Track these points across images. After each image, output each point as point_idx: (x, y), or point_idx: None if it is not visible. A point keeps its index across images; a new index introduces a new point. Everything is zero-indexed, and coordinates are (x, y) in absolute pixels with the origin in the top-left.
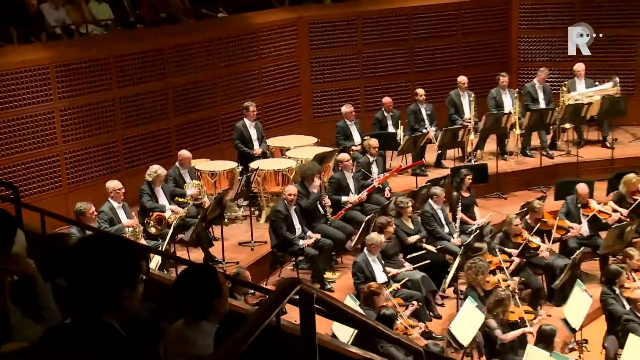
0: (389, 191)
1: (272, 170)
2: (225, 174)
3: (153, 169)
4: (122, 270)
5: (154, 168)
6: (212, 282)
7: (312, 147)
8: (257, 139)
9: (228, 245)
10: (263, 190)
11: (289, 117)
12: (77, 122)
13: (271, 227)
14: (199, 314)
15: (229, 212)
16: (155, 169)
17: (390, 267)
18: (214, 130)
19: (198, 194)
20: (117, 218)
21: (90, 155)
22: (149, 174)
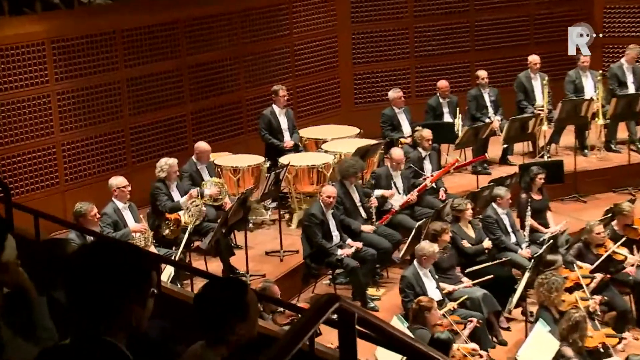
0: (444, 192)
1: (306, 166)
2: (250, 170)
3: (163, 161)
4: (129, 283)
5: (163, 160)
6: (239, 300)
7: (353, 140)
8: (288, 129)
9: (253, 255)
10: (294, 190)
11: (326, 103)
12: (76, 108)
13: (304, 233)
14: (220, 337)
15: (254, 216)
16: (165, 160)
17: (446, 282)
18: (237, 119)
19: (218, 193)
20: (122, 221)
21: (92, 147)
22: (160, 169)
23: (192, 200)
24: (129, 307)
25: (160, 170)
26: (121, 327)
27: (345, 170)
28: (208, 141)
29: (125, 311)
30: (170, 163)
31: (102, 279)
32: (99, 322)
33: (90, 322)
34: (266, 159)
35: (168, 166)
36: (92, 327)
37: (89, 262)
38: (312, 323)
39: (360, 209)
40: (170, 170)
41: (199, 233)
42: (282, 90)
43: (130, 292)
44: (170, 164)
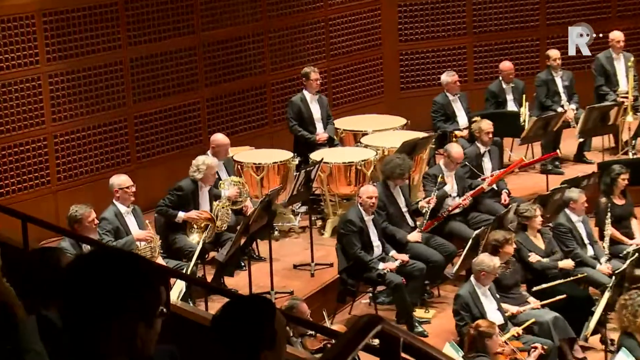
0: (507, 195)
1: (342, 163)
2: (276, 167)
3: (200, 160)
4: (134, 301)
5: (201, 159)
6: (265, 324)
7: (399, 132)
8: (321, 119)
9: (279, 269)
10: (329, 191)
11: (367, 89)
12: (71, 93)
13: (339, 243)
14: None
15: (281, 222)
16: (203, 159)
17: (509, 303)
18: (261, 107)
19: (237, 195)
20: (125, 228)
21: (90, 140)
22: (196, 169)
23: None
24: (134, 328)
25: (195, 170)
26: (124, 351)
27: (389, 170)
28: (226, 133)
29: (129, 333)
30: (209, 163)
31: (101, 295)
32: (98, 346)
33: (88, 345)
34: (295, 154)
35: (206, 167)
36: (90, 352)
37: (86, 275)
38: (349, 349)
39: (406, 215)
40: (209, 172)
41: (215, 242)
42: (314, 73)
43: (135, 311)
44: (208, 165)
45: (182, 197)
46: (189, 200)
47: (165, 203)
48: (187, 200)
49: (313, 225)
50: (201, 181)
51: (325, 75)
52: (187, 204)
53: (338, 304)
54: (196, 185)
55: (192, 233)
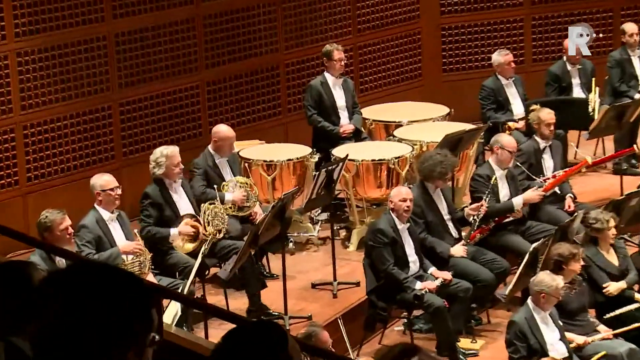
0: (572, 200)
1: (371, 161)
2: (291, 166)
3: (157, 152)
4: (121, 326)
5: (158, 151)
6: (276, 354)
7: (440, 123)
8: (346, 108)
9: (294, 288)
10: (355, 195)
11: (401, 71)
12: (44, 75)
13: (368, 258)
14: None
15: (297, 232)
16: (161, 151)
17: (574, 331)
18: (273, 93)
19: (244, 199)
20: (108, 237)
21: (66, 132)
22: (155, 164)
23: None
24: (122, 358)
25: (155, 166)
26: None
27: (428, 169)
28: (231, 124)
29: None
30: (167, 153)
31: (81, 320)
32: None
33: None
34: (314, 150)
35: (165, 158)
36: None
37: (62, 295)
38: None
39: (449, 224)
40: (169, 163)
41: (217, 255)
42: (337, 52)
43: (122, 338)
44: (168, 155)
45: (155, 206)
46: (162, 207)
47: (146, 223)
48: (162, 208)
49: (336, 236)
50: (165, 177)
51: (351, 54)
52: (163, 212)
53: (366, 332)
54: (162, 184)
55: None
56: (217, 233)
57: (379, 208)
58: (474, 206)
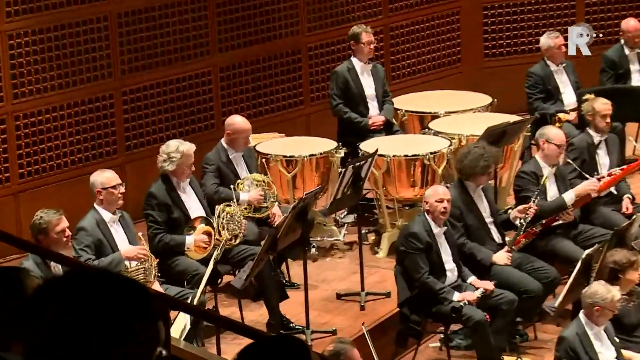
0: (630, 201)
1: (404, 157)
2: (314, 162)
3: (172, 145)
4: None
5: (173, 144)
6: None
7: (482, 114)
8: (376, 97)
9: (317, 299)
10: (385, 195)
11: (437, 55)
12: (39, 60)
13: (400, 265)
14: None
15: (320, 236)
16: (176, 145)
17: (633, 349)
18: (294, 80)
19: (261, 199)
20: (109, 241)
21: (63, 124)
22: (165, 158)
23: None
24: None
25: (166, 159)
26: None
27: (468, 165)
28: (246, 115)
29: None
30: (184, 151)
31: (80, 333)
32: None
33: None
34: (340, 144)
35: (180, 155)
36: None
37: (58, 305)
38: None
39: (491, 227)
40: (183, 161)
41: (230, 262)
42: (366, 34)
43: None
44: (184, 152)
45: (162, 207)
46: (170, 208)
47: (157, 230)
48: (169, 209)
49: (364, 240)
50: (174, 175)
51: (382, 36)
52: (170, 214)
53: (397, 349)
54: (168, 182)
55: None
56: (233, 238)
57: (413, 209)
58: (521, 207)
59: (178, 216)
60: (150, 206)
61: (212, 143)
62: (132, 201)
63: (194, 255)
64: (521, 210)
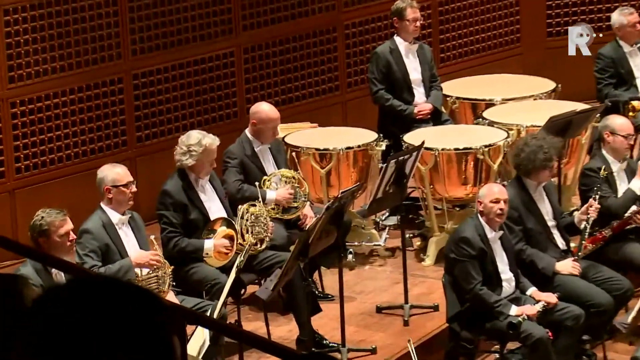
0: None
1: (454, 150)
2: (351, 156)
3: (194, 137)
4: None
5: (195, 136)
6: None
7: (544, 102)
8: (423, 82)
9: (354, 312)
10: (433, 193)
11: (493, 34)
12: (38, 39)
13: (449, 275)
14: None
15: (358, 241)
16: (198, 137)
17: None
18: (328, 63)
19: (290, 198)
20: (117, 246)
21: (66, 112)
22: (185, 151)
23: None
24: None
25: (185, 153)
26: None
27: (527, 160)
28: (274, 102)
29: None
30: (207, 144)
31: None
32: None
33: None
34: (381, 135)
35: (201, 149)
36: None
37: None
38: None
39: (554, 232)
40: (204, 156)
41: (255, 269)
42: (411, 10)
43: None
44: (206, 146)
45: (178, 208)
46: (187, 208)
47: (173, 233)
48: (186, 210)
49: (408, 246)
50: (192, 171)
51: (429, 12)
52: (187, 214)
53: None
54: (186, 179)
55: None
56: (259, 243)
57: (464, 211)
58: (583, 208)
59: (196, 217)
60: (165, 206)
61: (235, 134)
62: (144, 200)
63: (213, 262)
64: (583, 211)
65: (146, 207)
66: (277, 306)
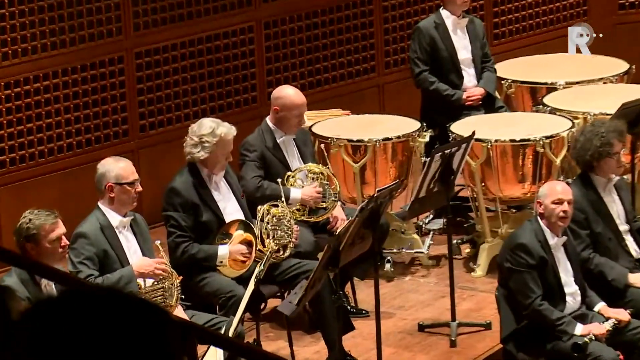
0: None
1: (510, 142)
2: (390, 148)
3: (206, 125)
4: None
5: (207, 124)
6: None
7: (615, 86)
8: (473, 62)
9: (392, 331)
10: (485, 192)
11: (556, 7)
12: (26, 11)
13: (503, 288)
14: None
15: (397, 248)
16: (211, 125)
17: None
18: (363, 39)
19: (319, 197)
20: (117, 253)
21: (57, 96)
22: (196, 141)
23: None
24: None
25: (196, 145)
26: None
27: (581, 149)
28: (299, 85)
29: None
30: (222, 134)
31: None
32: None
33: None
34: (424, 125)
35: (216, 139)
36: None
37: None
38: None
39: (626, 237)
40: (219, 148)
41: (277, 280)
42: None
43: None
44: (221, 136)
45: (189, 208)
46: (198, 209)
47: (180, 237)
48: (197, 211)
49: (455, 253)
50: (205, 166)
51: None
52: (198, 216)
53: None
54: (197, 175)
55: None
56: (282, 250)
57: (521, 213)
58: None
59: (208, 219)
60: (172, 206)
61: (255, 123)
62: (148, 199)
63: (229, 272)
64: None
65: (150, 208)
66: (302, 323)
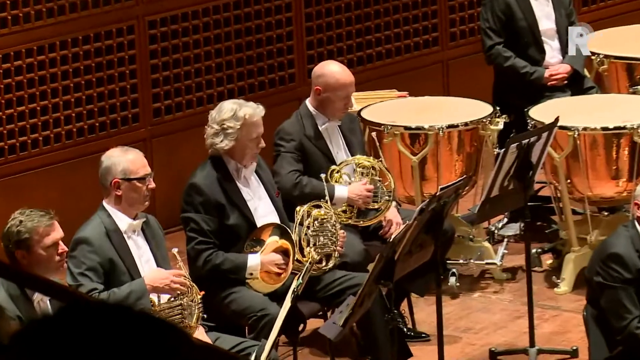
0: None
1: (601, 130)
2: (456, 137)
3: (227, 107)
4: None
5: (229, 107)
6: None
7: None
8: (557, 32)
9: (457, 358)
10: (571, 191)
11: None
12: None
13: (593, 308)
14: None
15: (464, 257)
16: (233, 107)
17: None
18: (423, 5)
19: (369, 196)
20: (126, 262)
21: (54, 73)
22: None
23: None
24: None
25: (218, 133)
26: None
27: None
28: (346, 61)
29: None
30: (246, 116)
31: None
32: None
33: None
34: (497, 109)
35: (240, 122)
36: None
37: None
38: None
39: None
40: (246, 133)
41: (318, 296)
42: None
43: None
44: (246, 118)
45: (212, 209)
46: (224, 210)
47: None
48: (223, 212)
49: (535, 265)
50: (231, 158)
51: None
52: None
53: None
54: (222, 168)
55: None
56: (324, 260)
57: (615, 216)
58: None
59: (236, 222)
60: (193, 206)
61: (292, 106)
62: (162, 197)
63: (260, 286)
64: None
65: (166, 208)
66: (349, 349)
